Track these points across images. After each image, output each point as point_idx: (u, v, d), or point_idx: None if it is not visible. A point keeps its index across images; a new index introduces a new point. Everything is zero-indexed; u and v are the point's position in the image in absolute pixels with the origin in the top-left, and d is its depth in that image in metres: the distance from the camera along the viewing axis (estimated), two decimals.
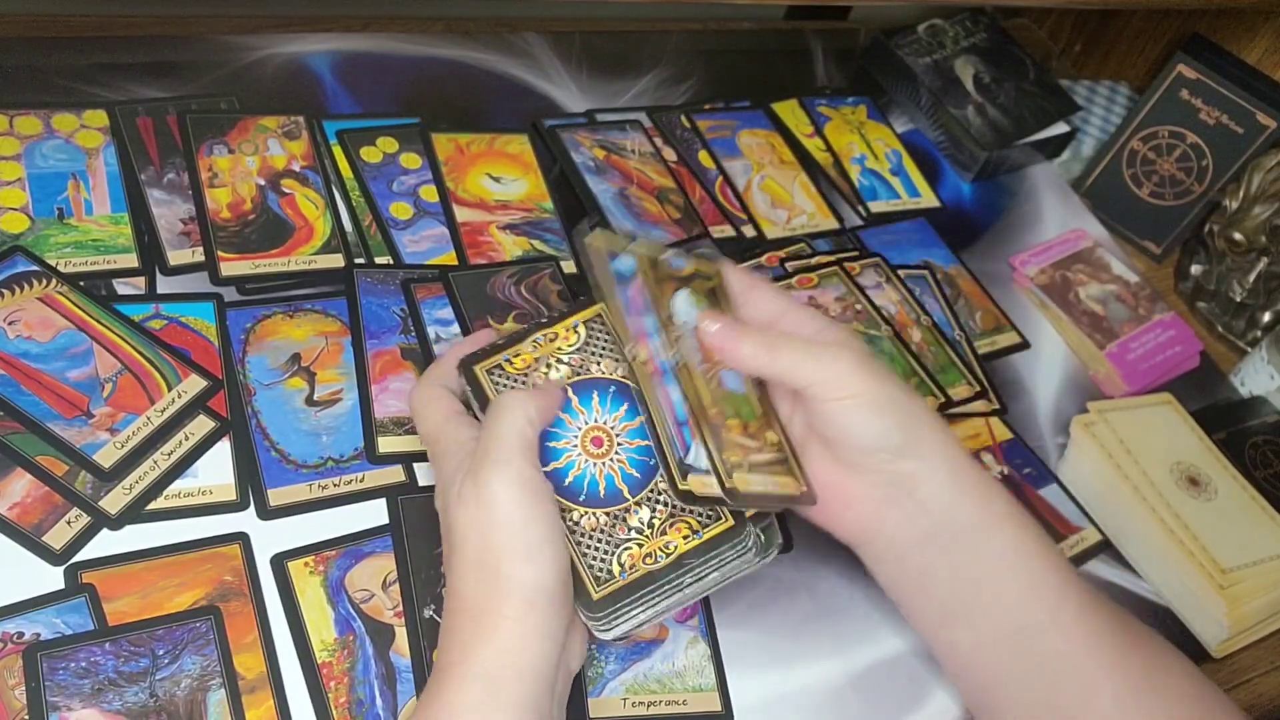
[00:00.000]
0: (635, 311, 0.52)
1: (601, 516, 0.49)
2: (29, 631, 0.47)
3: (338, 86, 0.74)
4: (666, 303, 0.52)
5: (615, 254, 0.53)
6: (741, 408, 0.51)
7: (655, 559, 0.48)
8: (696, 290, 0.53)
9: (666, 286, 0.52)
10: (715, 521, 0.49)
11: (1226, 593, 0.64)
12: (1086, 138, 0.96)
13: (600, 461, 0.50)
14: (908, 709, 0.57)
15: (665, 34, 0.88)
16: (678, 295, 0.52)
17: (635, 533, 0.49)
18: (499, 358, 0.52)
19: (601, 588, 0.47)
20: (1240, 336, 0.87)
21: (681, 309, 0.52)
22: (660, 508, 0.49)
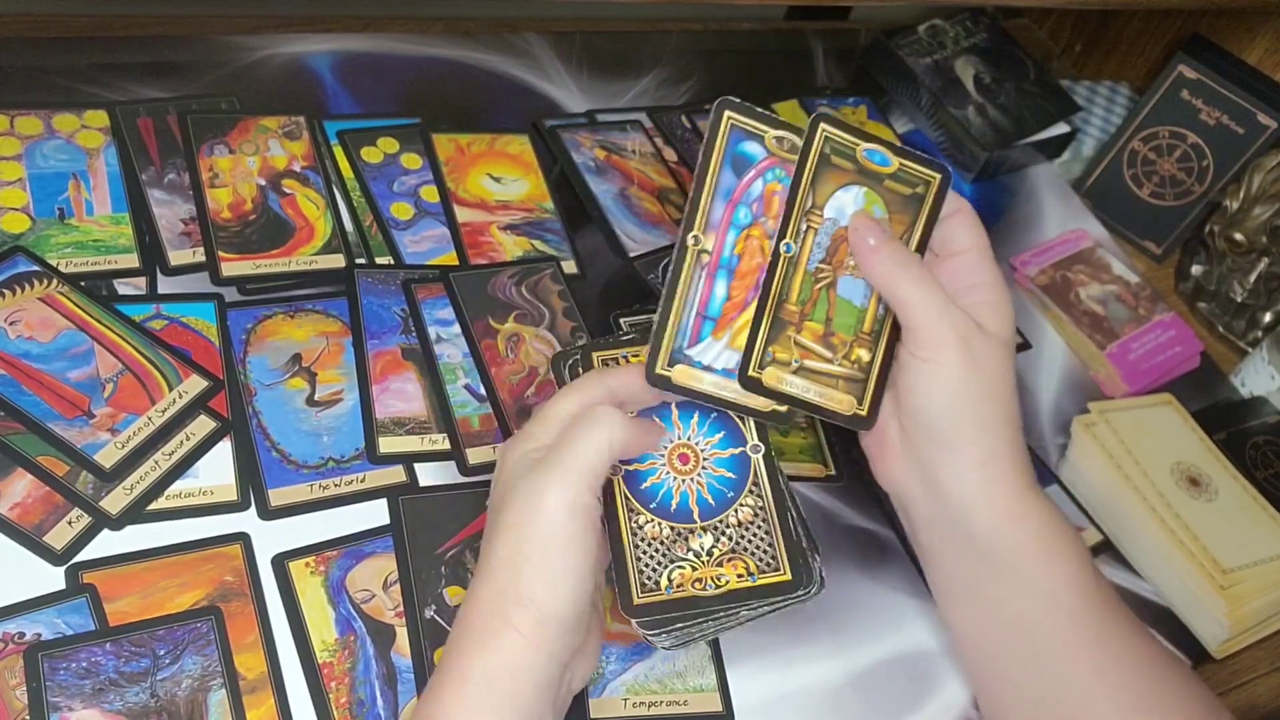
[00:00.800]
0: (733, 200, 0.50)
1: (666, 529, 0.49)
2: (30, 632, 0.47)
3: (338, 87, 0.74)
4: (825, 191, 0.51)
5: (748, 134, 0.51)
6: (846, 318, 0.51)
7: (704, 586, 0.48)
8: (880, 192, 0.52)
9: (834, 176, 0.51)
10: (772, 570, 0.49)
11: (1227, 593, 0.64)
12: (1087, 138, 0.96)
13: (682, 478, 0.50)
14: (908, 709, 0.57)
15: (665, 34, 0.88)
16: (851, 188, 0.51)
17: (693, 555, 0.49)
18: (618, 351, 0.52)
19: (645, 595, 0.47)
20: (1241, 337, 0.87)
21: (846, 202, 0.51)
22: (724, 540, 0.49)
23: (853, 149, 0.51)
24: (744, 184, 0.51)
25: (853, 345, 0.51)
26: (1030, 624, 0.50)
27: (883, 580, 0.62)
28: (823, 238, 0.51)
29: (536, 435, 0.47)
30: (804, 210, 0.50)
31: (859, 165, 0.51)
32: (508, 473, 0.47)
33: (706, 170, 0.50)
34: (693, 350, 0.49)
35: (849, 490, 0.64)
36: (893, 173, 0.52)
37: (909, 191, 0.52)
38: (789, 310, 0.50)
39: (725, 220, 0.50)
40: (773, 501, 0.50)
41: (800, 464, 0.64)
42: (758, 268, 0.51)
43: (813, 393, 0.51)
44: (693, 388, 0.49)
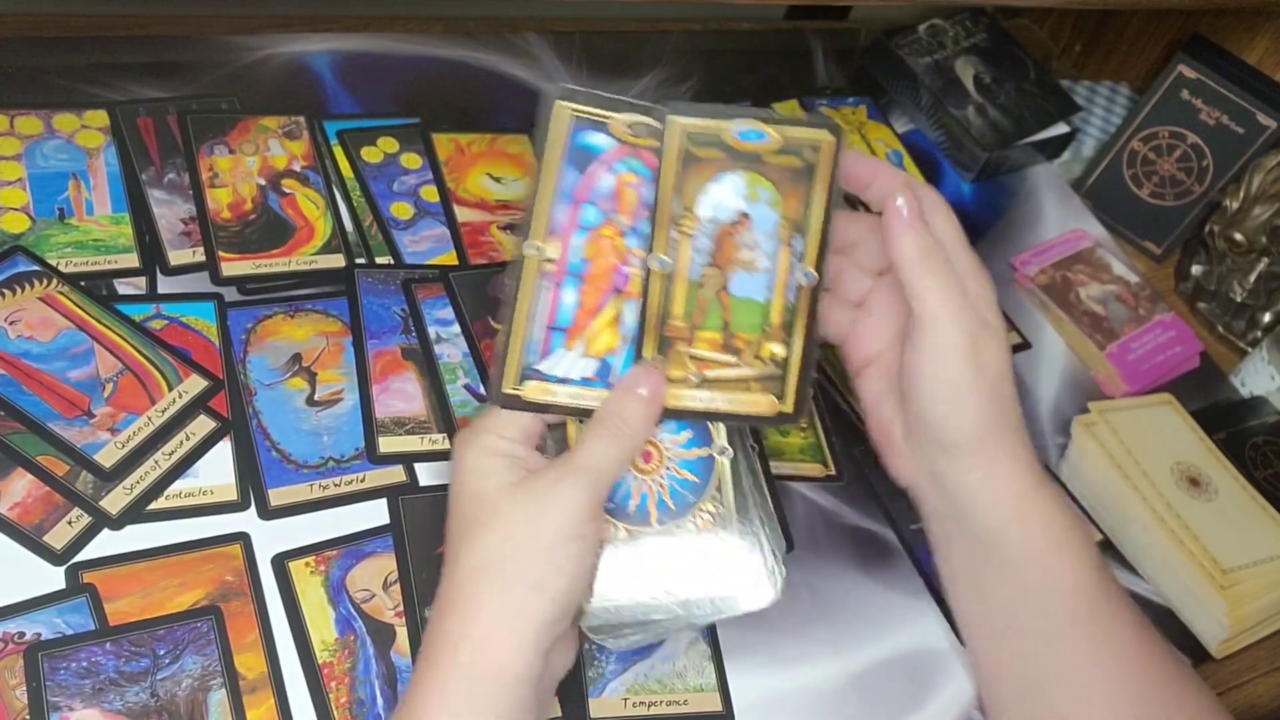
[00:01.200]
0: (577, 200, 0.46)
1: (621, 531, 0.48)
2: (30, 631, 0.47)
3: (338, 87, 0.74)
4: (695, 189, 0.46)
5: (591, 123, 0.46)
6: (749, 316, 0.47)
7: (654, 594, 0.47)
8: (764, 172, 0.47)
9: (701, 170, 0.46)
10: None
11: (1227, 593, 0.64)
12: (1087, 138, 0.96)
13: (643, 478, 0.48)
14: (908, 709, 0.57)
15: (665, 34, 0.88)
16: (724, 177, 0.46)
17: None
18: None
19: (597, 600, 0.47)
20: (1241, 337, 0.87)
21: (726, 195, 0.46)
22: None
23: (718, 133, 0.46)
24: (589, 180, 0.47)
25: (761, 343, 0.47)
26: (1031, 621, 0.50)
27: (883, 580, 0.62)
28: (701, 241, 0.46)
29: (495, 428, 0.46)
30: (672, 218, 0.46)
31: (731, 149, 0.46)
32: (483, 466, 0.45)
33: (544, 170, 0.46)
34: (544, 364, 0.47)
35: (849, 490, 0.64)
36: (775, 147, 0.46)
37: (799, 163, 0.47)
38: (674, 326, 0.47)
39: (570, 223, 0.46)
40: (734, 510, 0.48)
41: (800, 464, 0.64)
42: (611, 269, 0.47)
43: (721, 402, 0.48)
44: (548, 403, 0.47)
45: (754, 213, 0.47)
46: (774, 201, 0.47)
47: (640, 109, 0.46)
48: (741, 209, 0.47)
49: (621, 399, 0.46)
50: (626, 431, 0.46)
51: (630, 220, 0.47)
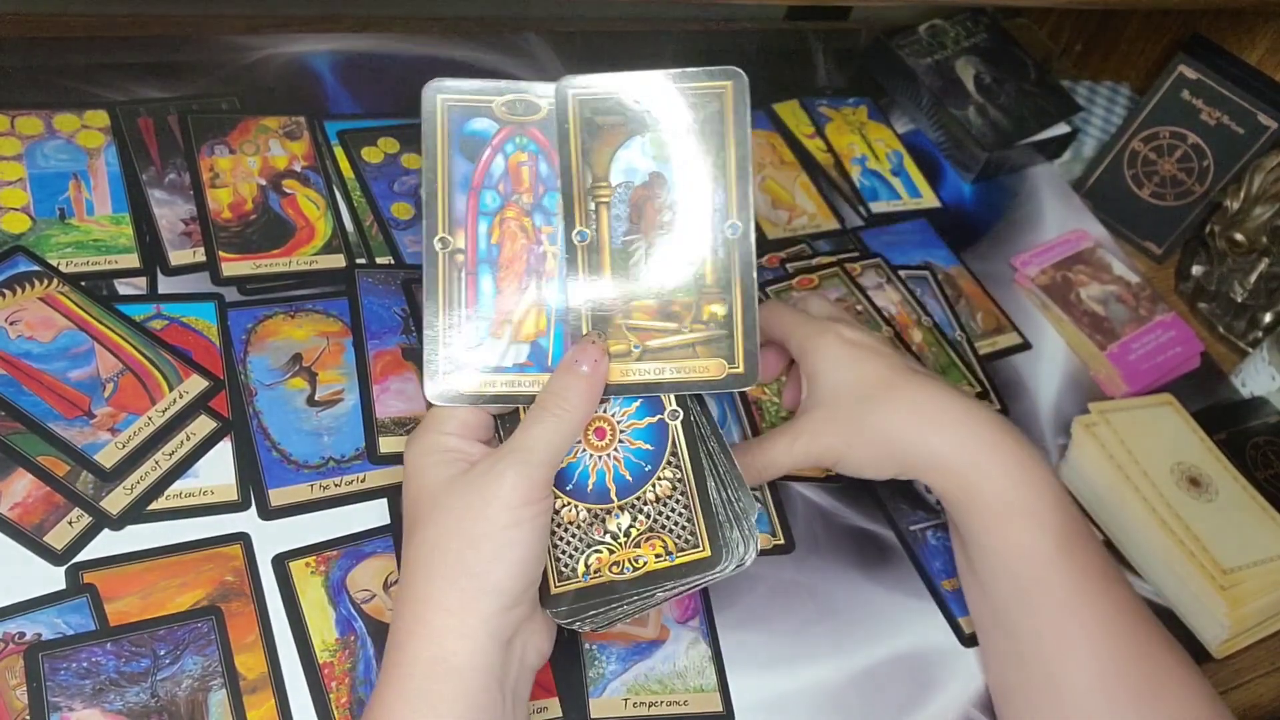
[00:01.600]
0: (474, 187, 0.46)
1: (582, 511, 0.47)
2: (30, 632, 0.47)
3: (339, 87, 0.74)
4: (603, 157, 0.45)
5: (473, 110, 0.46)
6: (681, 279, 0.47)
7: (622, 570, 0.46)
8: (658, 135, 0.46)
9: (606, 137, 0.45)
10: (691, 548, 0.47)
11: (1227, 593, 0.64)
12: (1087, 138, 0.96)
13: (598, 455, 0.48)
14: (908, 709, 0.57)
15: (666, 34, 0.88)
16: (631, 141, 0.46)
17: (610, 538, 0.47)
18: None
19: (562, 583, 0.46)
20: (1241, 337, 0.87)
21: (636, 158, 0.46)
22: (641, 518, 0.47)
23: (616, 96, 0.45)
24: (482, 166, 0.46)
25: (700, 305, 0.47)
26: (1000, 592, 0.53)
27: (883, 580, 0.62)
28: (619, 208, 0.46)
29: (436, 425, 0.47)
30: (585, 189, 0.45)
31: (629, 113, 0.45)
32: (425, 464, 0.46)
33: (435, 164, 0.46)
34: (473, 356, 0.46)
35: (849, 490, 0.64)
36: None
37: (703, 114, 0.46)
38: (610, 302, 0.46)
39: (471, 211, 0.46)
40: (691, 472, 0.47)
41: None
42: (523, 250, 0.46)
43: (669, 371, 0.47)
44: (487, 394, 0.46)
45: (667, 172, 0.46)
46: None
47: (520, 88, 0.46)
48: (654, 170, 0.46)
49: (561, 377, 0.46)
50: (566, 409, 0.45)
51: (532, 198, 0.47)
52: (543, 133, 0.46)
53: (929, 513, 0.65)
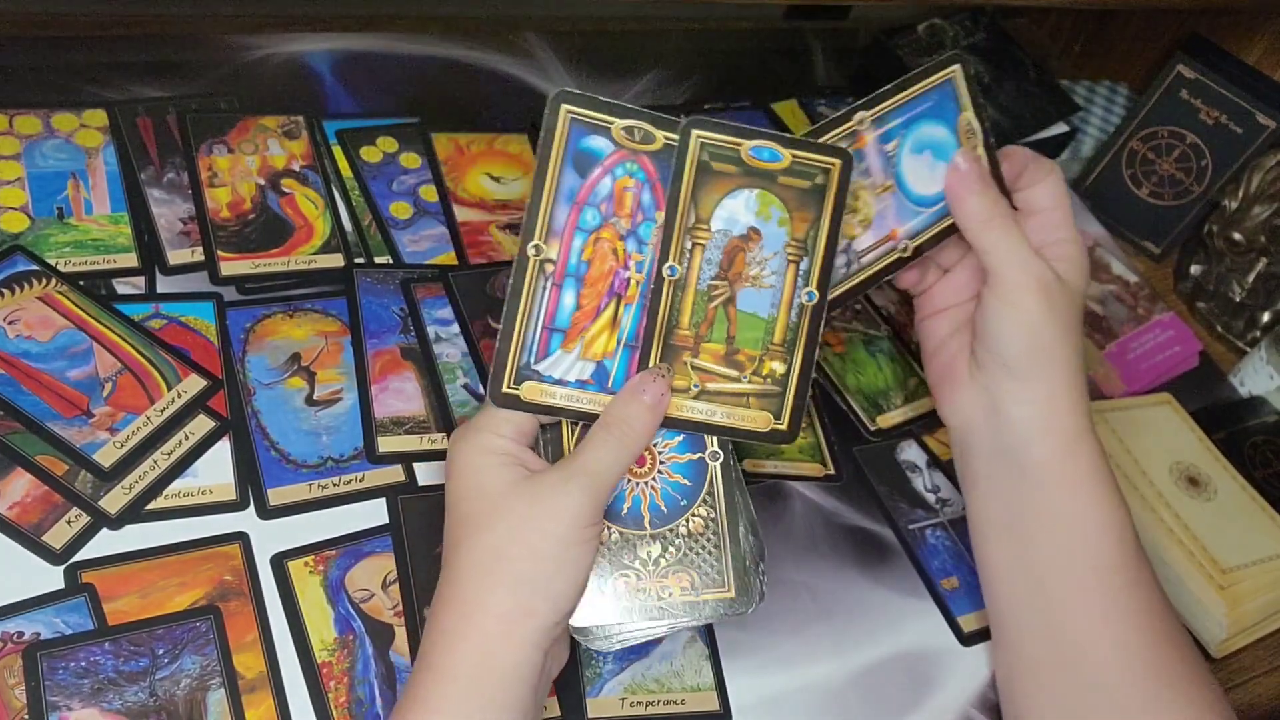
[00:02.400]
0: (578, 202, 0.47)
1: (615, 533, 0.48)
2: (29, 631, 0.47)
3: (337, 86, 0.74)
4: (710, 201, 0.47)
5: (593, 127, 0.47)
6: (752, 331, 0.49)
7: (646, 597, 0.47)
8: (775, 191, 0.48)
9: (718, 183, 0.47)
10: (716, 587, 0.48)
11: (1226, 592, 0.64)
12: (1086, 138, 0.96)
13: (637, 481, 0.49)
14: (907, 709, 0.57)
15: (665, 34, 0.88)
16: (740, 193, 0.47)
17: (640, 564, 0.48)
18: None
19: (587, 602, 0.47)
20: (1240, 336, 0.87)
21: (739, 210, 0.48)
22: (672, 550, 0.48)
23: (736, 149, 0.47)
24: (589, 183, 0.47)
25: (763, 359, 0.49)
26: (1059, 561, 0.52)
27: (882, 580, 0.62)
28: (713, 253, 0.48)
29: (491, 426, 0.46)
30: (686, 227, 0.47)
31: (746, 166, 0.48)
32: (481, 464, 0.45)
33: (545, 172, 0.46)
34: (541, 365, 0.47)
35: (849, 490, 0.64)
36: (786, 167, 0.48)
37: (808, 184, 0.48)
38: (681, 335, 0.48)
39: (570, 225, 0.47)
40: (725, 513, 0.49)
41: (800, 463, 0.64)
42: (609, 272, 0.48)
43: (719, 415, 0.49)
44: (544, 404, 0.47)
45: (765, 230, 0.48)
46: (784, 220, 0.49)
47: (644, 116, 0.47)
48: (753, 225, 0.48)
49: (627, 404, 0.47)
50: (630, 436, 0.46)
51: (629, 224, 0.48)
52: (653, 164, 0.48)
53: (928, 512, 0.65)
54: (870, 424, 0.68)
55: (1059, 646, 0.52)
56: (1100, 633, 0.51)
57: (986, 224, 0.52)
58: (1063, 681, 0.52)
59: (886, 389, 0.70)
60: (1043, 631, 0.53)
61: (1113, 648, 0.50)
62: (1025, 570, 0.54)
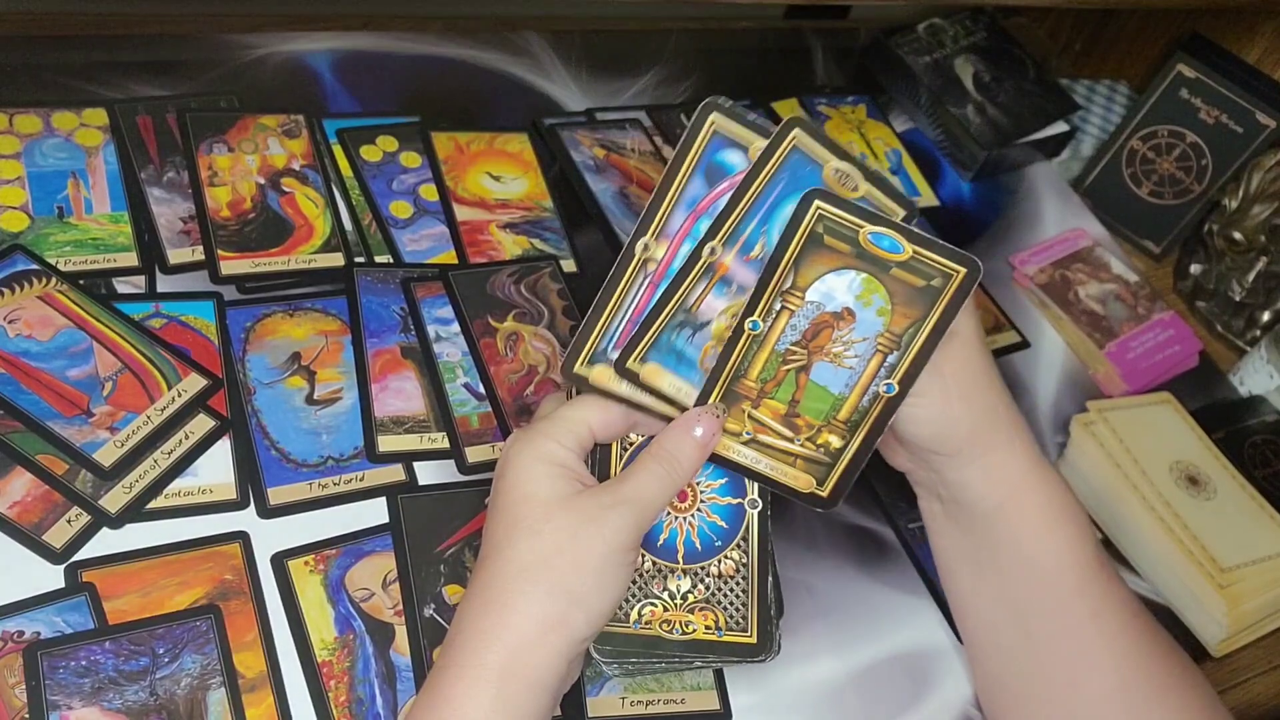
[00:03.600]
0: (696, 211, 0.47)
1: (648, 562, 0.48)
2: (29, 630, 0.47)
3: (338, 85, 0.74)
4: (812, 273, 0.47)
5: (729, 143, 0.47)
6: (818, 403, 0.48)
7: (671, 629, 0.48)
8: (885, 281, 0.47)
9: (826, 257, 0.47)
10: (739, 630, 0.48)
11: (1226, 592, 0.64)
12: (1086, 137, 0.96)
13: (675, 515, 0.49)
14: (907, 708, 0.57)
15: (665, 33, 0.88)
16: (846, 273, 0.47)
17: (668, 595, 0.48)
18: None
19: (613, 624, 0.47)
20: (1239, 336, 0.87)
21: (840, 289, 0.47)
22: (701, 587, 0.49)
23: (855, 231, 0.47)
24: (713, 195, 0.47)
25: (821, 430, 0.49)
26: (1027, 595, 0.52)
27: (882, 579, 0.62)
28: (800, 320, 0.48)
29: (555, 435, 0.46)
30: (780, 289, 0.47)
31: (860, 249, 0.47)
32: (538, 471, 0.46)
33: (675, 174, 0.47)
34: (615, 354, 0.48)
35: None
36: (904, 260, 0.47)
37: (921, 284, 0.47)
38: (746, 385, 0.48)
39: (683, 230, 0.47)
40: (756, 561, 0.50)
41: None
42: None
43: (764, 465, 0.49)
44: (609, 389, 0.48)
45: (860, 314, 0.48)
46: (883, 311, 0.48)
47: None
48: (849, 306, 0.48)
49: (678, 437, 0.47)
50: (677, 470, 0.47)
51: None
52: None
53: None
54: None
55: (1050, 676, 0.51)
56: (1094, 663, 0.50)
57: None
58: (1059, 709, 0.51)
59: None
60: (1028, 664, 0.52)
61: (1107, 677, 0.50)
62: (997, 605, 0.53)
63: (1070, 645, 0.51)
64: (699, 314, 0.48)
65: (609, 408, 0.48)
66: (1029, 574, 0.51)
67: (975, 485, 0.51)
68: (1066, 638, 0.51)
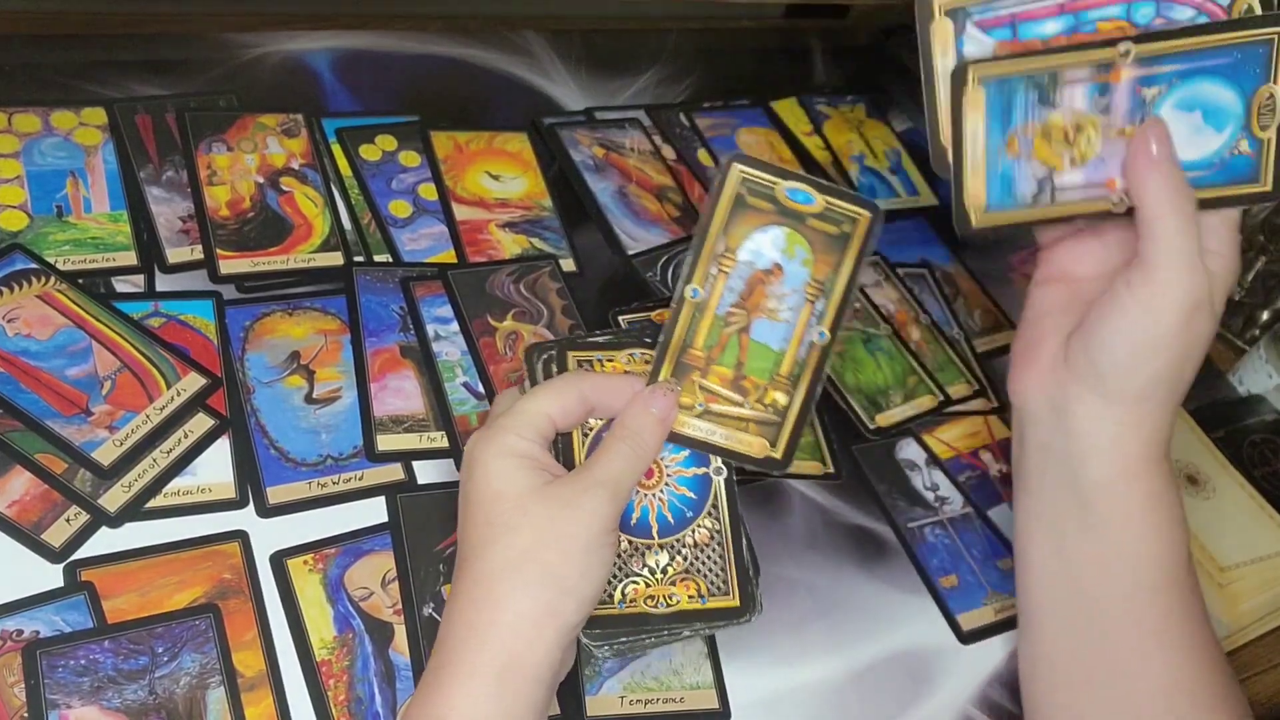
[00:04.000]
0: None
1: (625, 542, 0.49)
2: (28, 629, 0.47)
3: (337, 84, 0.74)
4: (740, 233, 0.50)
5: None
6: (761, 361, 0.51)
7: (656, 604, 0.48)
8: (804, 232, 0.50)
9: (750, 217, 0.50)
10: (722, 595, 0.50)
11: (1225, 591, 0.64)
12: None
13: (645, 493, 0.50)
14: (907, 707, 0.57)
15: (664, 32, 0.88)
16: (770, 229, 0.50)
17: (648, 571, 0.49)
18: (594, 354, 0.52)
19: (599, 608, 0.48)
20: (1238, 335, 0.87)
21: (767, 245, 0.50)
22: (679, 559, 0.50)
23: (772, 188, 0.50)
24: None
25: (767, 389, 0.51)
26: (1102, 587, 0.51)
27: (881, 578, 0.62)
28: (735, 281, 0.50)
29: (515, 429, 0.46)
30: (715, 254, 0.50)
31: (780, 205, 0.50)
32: (504, 466, 0.46)
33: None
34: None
35: (848, 488, 0.64)
36: (818, 211, 0.50)
37: (835, 231, 0.51)
38: (693, 355, 0.50)
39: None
40: (729, 525, 0.51)
41: (799, 462, 0.64)
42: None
43: (719, 436, 0.51)
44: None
45: (787, 267, 0.51)
46: (807, 261, 0.51)
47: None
48: (777, 260, 0.50)
49: (637, 416, 0.48)
50: (641, 447, 0.48)
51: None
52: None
53: (927, 510, 0.65)
54: (869, 422, 0.68)
55: (1102, 664, 0.51)
56: (1147, 661, 0.50)
57: (1163, 208, 0.45)
58: (1103, 699, 0.51)
59: (886, 387, 0.70)
60: (1084, 646, 0.51)
61: (1162, 671, 0.50)
62: (1068, 579, 0.52)
63: (1133, 636, 0.50)
64: None
65: (565, 395, 0.48)
66: (1115, 558, 0.50)
67: (1096, 444, 0.49)
68: (1133, 628, 0.50)
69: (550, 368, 0.52)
